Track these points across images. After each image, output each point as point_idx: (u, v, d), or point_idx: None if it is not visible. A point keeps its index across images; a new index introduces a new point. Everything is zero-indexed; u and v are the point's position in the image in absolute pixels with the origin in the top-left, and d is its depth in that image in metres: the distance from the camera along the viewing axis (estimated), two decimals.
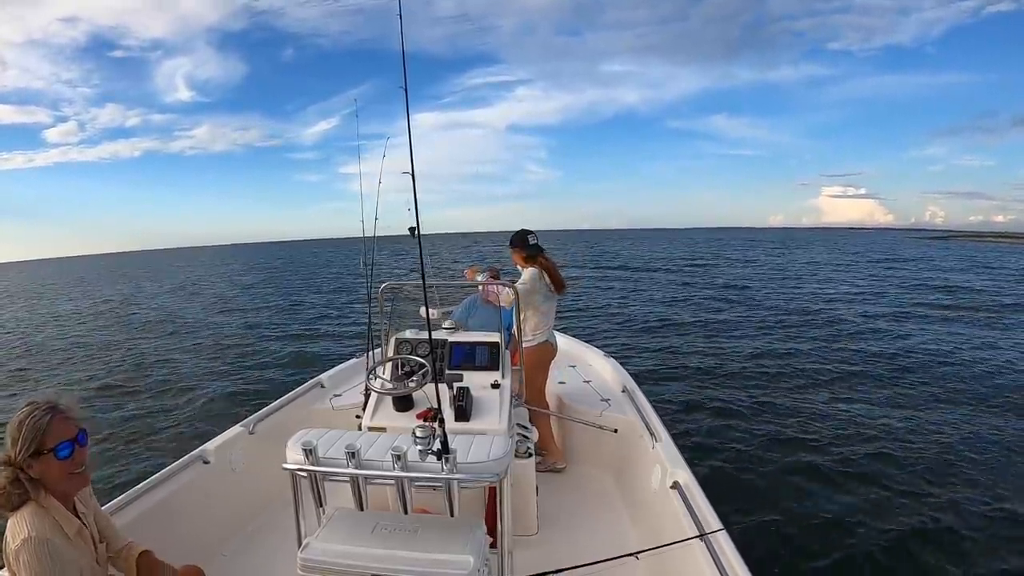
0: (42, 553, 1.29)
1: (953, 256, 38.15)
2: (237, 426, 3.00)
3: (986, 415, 6.19)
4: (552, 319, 3.48)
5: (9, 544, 1.31)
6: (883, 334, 10.89)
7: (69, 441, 1.39)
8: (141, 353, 10.64)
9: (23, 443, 1.34)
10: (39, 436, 1.34)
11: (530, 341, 3.38)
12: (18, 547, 1.28)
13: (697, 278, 23.54)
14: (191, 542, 2.34)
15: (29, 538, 1.29)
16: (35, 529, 1.31)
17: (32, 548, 1.28)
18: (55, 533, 1.35)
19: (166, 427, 6.26)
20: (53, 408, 1.38)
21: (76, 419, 1.43)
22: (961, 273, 24.79)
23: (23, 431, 1.34)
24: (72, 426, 1.41)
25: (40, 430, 1.35)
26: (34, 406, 1.38)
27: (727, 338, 10.61)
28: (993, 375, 7.87)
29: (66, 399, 1.45)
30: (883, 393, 7.07)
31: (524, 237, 3.39)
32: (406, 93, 1.60)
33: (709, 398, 6.79)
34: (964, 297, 16.45)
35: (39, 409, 1.37)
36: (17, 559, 1.28)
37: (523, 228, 3.42)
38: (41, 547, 1.29)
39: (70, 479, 1.42)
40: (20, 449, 1.34)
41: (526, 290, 3.28)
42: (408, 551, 1.55)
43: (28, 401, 1.40)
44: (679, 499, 2.27)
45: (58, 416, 1.38)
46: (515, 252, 3.45)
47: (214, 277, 32.44)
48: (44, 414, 1.36)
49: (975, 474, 4.70)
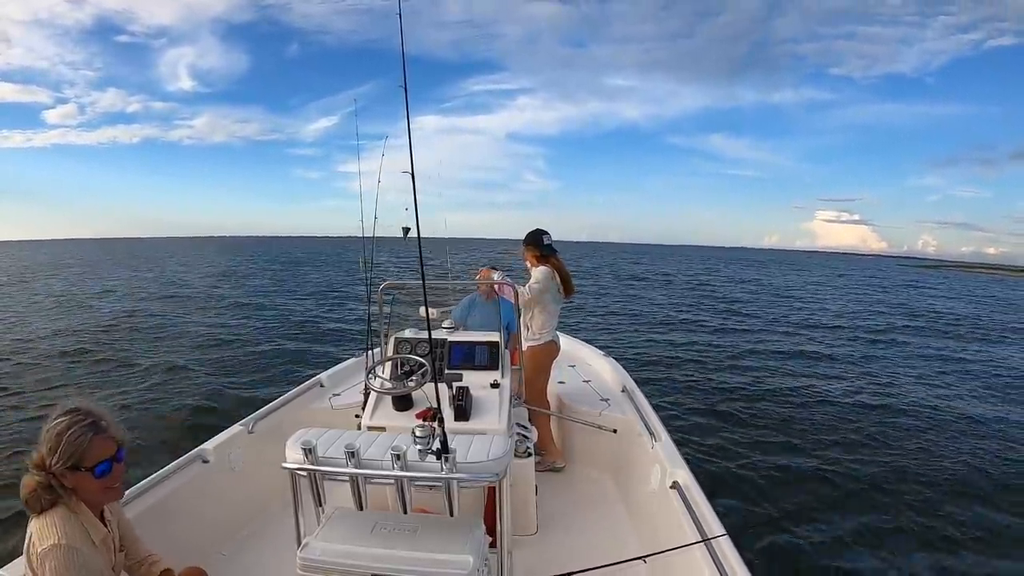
0: (70, 562, 1.26)
1: (944, 286, 38.47)
2: (236, 425, 2.99)
3: (991, 420, 6.21)
4: (557, 319, 3.49)
5: (36, 546, 1.28)
6: (884, 342, 10.93)
7: (108, 460, 1.37)
8: (138, 350, 10.62)
9: (61, 456, 1.31)
10: (78, 453, 1.31)
11: (536, 340, 3.40)
12: (46, 551, 1.26)
13: (696, 289, 23.66)
14: (190, 542, 2.34)
15: (59, 545, 1.26)
16: (65, 536, 1.28)
17: (61, 556, 1.26)
18: (84, 541, 1.33)
19: (165, 426, 6.25)
20: (96, 425, 1.35)
21: (116, 437, 1.40)
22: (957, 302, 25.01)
23: (63, 444, 1.31)
24: (112, 444, 1.38)
25: (81, 447, 1.32)
26: (76, 418, 1.34)
27: (727, 339, 10.62)
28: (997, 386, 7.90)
29: (107, 414, 1.42)
30: (885, 396, 7.08)
31: (539, 237, 3.42)
32: (406, 92, 1.59)
33: (708, 398, 6.81)
34: (958, 323, 16.60)
35: (81, 425, 1.33)
36: (43, 564, 1.26)
37: (537, 228, 3.45)
38: (70, 555, 1.27)
39: (105, 493, 1.40)
40: (58, 460, 1.31)
41: (539, 288, 3.30)
42: (408, 551, 1.54)
43: (69, 408, 1.36)
44: (678, 499, 2.27)
45: (100, 434, 1.35)
46: (528, 250, 3.46)
47: (211, 270, 32.37)
48: (87, 430, 1.33)
49: (977, 475, 4.71)
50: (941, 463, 4.93)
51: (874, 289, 30.45)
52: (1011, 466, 4.95)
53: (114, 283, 24.06)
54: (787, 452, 5.10)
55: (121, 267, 35.33)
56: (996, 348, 11.75)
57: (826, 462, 4.90)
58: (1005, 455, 5.21)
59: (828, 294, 25.34)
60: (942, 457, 5.07)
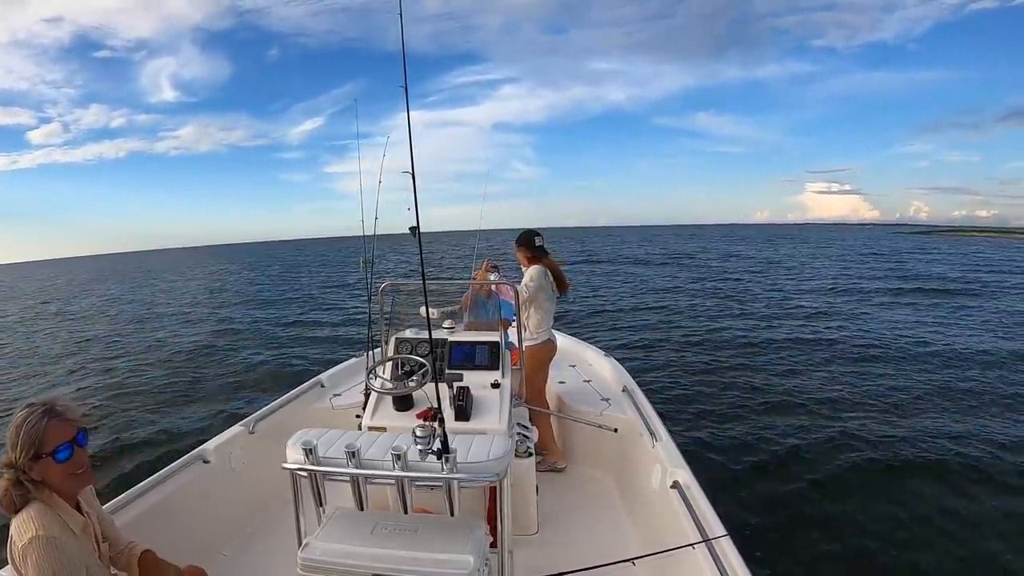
0: (50, 551, 1.28)
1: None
2: (237, 425, 2.99)
3: (997, 419, 6.17)
4: (552, 317, 3.51)
5: (16, 543, 1.30)
6: (893, 334, 10.83)
7: (68, 443, 1.37)
8: (137, 353, 10.64)
9: (22, 447, 1.33)
10: (37, 440, 1.33)
11: (533, 340, 3.40)
12: (25, 545, 1.27)
13: (693, 273, 23.53)
14: (191, 542, 2.34)
15: (37, 536, 1.28)
16: (43, 528, 1.30)
17: (40, 546, 1.27)
18: (62, 530, 1.34)
19: (165, 427, 6.25)
20: (49, 410, 1.37)
21: (74, 420, 1.41)
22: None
23: (20, 435, 1.33)
24: (70, 427, 1.39)
25: (37, 433, 1.33)
26: (30, 409, 1.37)
27: (727, 337, 10.61)
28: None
29: (63, 399, 1.44)
30: (888, 393, 7.07)
31: (531, 238, 3.45)
32: (406, 92, 1.59)
33: (709, 397, 6.80)
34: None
35: (35, 412, 1.35)
36: (24, 558, 1.27)
37: (530, 229, 3.48)
38: (49, 545, 1.28)
39: (72, 480, 1.41)
40: (20, 452, 1.33)
41: (535, 286, 3.32)
42: (408, 551, 1.54)
43: (26, 404, 1.39)
44: (679, 499, 2.27)
45: (55, 418, 1.36)
46: (520, 251, 3.50)
47: (207, 278, 32.37)
48: (40, 417, 1.35)
49: (977, 478, 4.69)
50: (948, 464, 4.89)
51: (886, 260, 28.54)
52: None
53: (108, 296, 24.02)
54: (789, 452, 5.09)
55: (113, 282, 35.32)
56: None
57: (829, 462, 4.88)
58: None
59: (833, 270, 23.94)
60: (951, 456, 5.02)
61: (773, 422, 5.92)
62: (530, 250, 3.44)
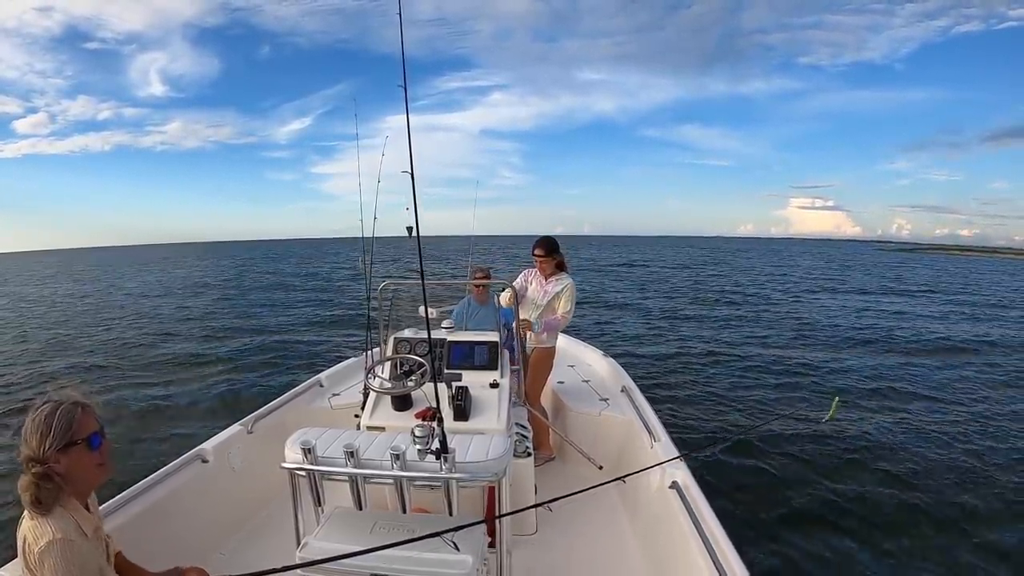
0: (69, 555, 1.27)
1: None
2: (236, 425, 2.99)
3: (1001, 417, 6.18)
4: None
5: (32, 546, 1.28)
6: (886, 336, 10.88)
7: (98, 432, 1.40)
8: (135, 352, 10.62)
9: (56, 435, 1.32)
10: (72, 427, 1.34)
11: (545, 343, 3.48)
12: (43, 549, 1.26)
13: (690, 281, 23.58)
14: (189, 541, 2.34)
15: (55, 540, 1.27)
16: (60, 531, 1.29)
17: (58, 550, 1.26)
18: (77, 534, 1.33)
19: (163, 426, 6.24)
20: (78, 403, 1.40)
21: (96, 416, 1.44)
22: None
23: (54, 424, 1.33)
24: (95, 421, 1.42)
25: (72, 421, 1.35)
26: (59, 402, 1.38)
27: (726, 337, 10.62)
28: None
29: (88, 396, 1.46)
30: (888, 393, 7.08)
31: (558, 245, 3.48)
32: (405, 92, 1.59)
33: (708, 397, 6.81)
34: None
35: (66, 404, 1.37)
36: (41, 563, 1.26)
37: (551, 236, 3.53)
38: (67, 549, 1.28)
39: (97, 471, 1.42)
40: (52, 441, 1.32)
41: (574, 304, 3.43)
42: (407, 551, 1.54)
43: (47, 399, 1.39)
44: (677, 499, 2.27)
45: (85, 410, 1.39)
46: (553, 257, 3.46)
47: (202, 275, 32.26)
48: (74, 407, 1.37)
49: (978, 477, 4.70)
50: (950, 467, 4.90)
51: (885, 274, 28.04)
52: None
53: (100, 290, 23.95)
54: (787, 452, 5.09)
55: (110, 275, 35.22)
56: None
57: (828, 461, 4.89)
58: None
59: (829, 283, 23.92)
60: (954, 461, 5.02)
61: (773, 422, 5.92)
62: (560, 256, 3.48)
